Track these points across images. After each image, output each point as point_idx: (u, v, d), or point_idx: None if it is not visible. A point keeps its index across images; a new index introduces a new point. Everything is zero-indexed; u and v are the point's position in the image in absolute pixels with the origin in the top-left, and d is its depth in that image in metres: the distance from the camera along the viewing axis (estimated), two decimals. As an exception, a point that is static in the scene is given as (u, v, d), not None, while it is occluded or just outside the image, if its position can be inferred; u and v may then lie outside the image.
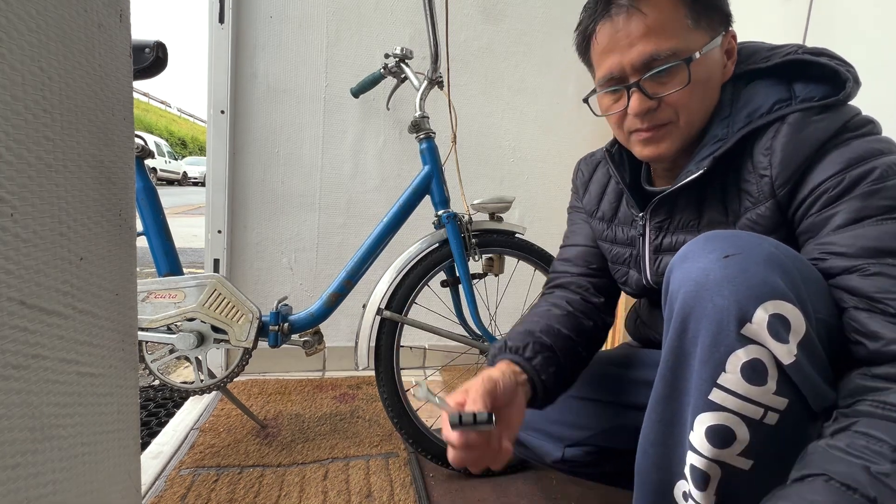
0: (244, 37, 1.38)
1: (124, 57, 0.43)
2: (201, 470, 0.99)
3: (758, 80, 0.55)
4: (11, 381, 0.31)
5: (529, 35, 1.60)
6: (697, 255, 0.45)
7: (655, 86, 0.54)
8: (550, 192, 1.71)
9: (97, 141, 0.39)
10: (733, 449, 0.43)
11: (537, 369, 0.61)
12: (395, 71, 1.14)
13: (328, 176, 1.50)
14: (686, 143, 0.58)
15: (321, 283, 1.53)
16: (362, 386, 1.47)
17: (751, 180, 0.53)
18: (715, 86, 0.56)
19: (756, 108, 0.53)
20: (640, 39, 0.53)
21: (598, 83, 0.60)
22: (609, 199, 0.73)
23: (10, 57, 0.29)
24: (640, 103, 0.55)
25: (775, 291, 0.41)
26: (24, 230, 0.31)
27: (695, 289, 0.44)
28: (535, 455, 0.80)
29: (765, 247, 0.44)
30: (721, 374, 0.43)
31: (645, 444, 0.52)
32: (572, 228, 0.82)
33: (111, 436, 0.44)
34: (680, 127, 0.56)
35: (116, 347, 0.44)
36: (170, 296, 0.97)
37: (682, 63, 0.52)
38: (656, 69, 0.53)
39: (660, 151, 0.58)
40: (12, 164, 0.30)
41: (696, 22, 0.53)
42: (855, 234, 0.46)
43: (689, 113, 0.55)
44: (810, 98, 0.51)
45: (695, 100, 0.55)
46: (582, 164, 0.80)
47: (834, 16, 0.97)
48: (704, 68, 0.54)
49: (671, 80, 0.54)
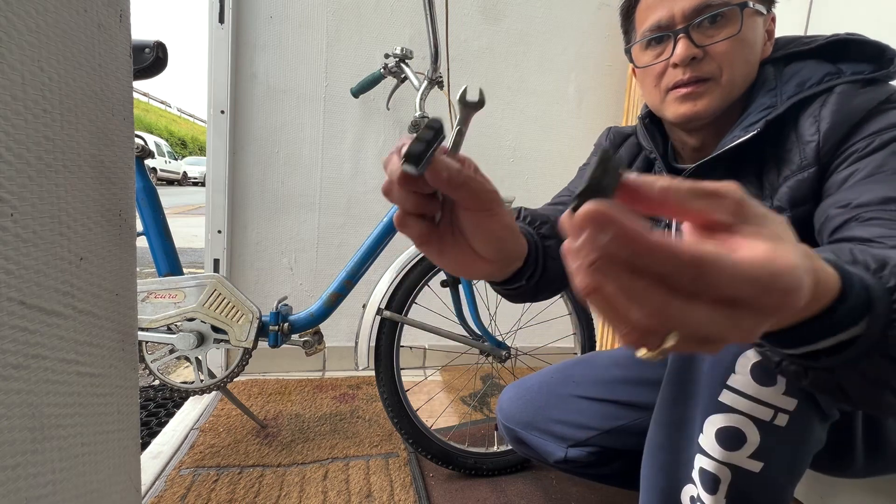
0: (244, 37, 1.38)
1: (124, 57, 0.43)
2: (201, 470, 0.99)
3: (801, 60, 0.55)
4: (11, 381, 0.31)
5: (529, 35, 1.60)
6: None
7: (702, 36, 0.53)
8: (550, 192, 1.70)
9: (97, 141, 0.39)
10: (743, 451, 0.43)
11: (536, 233, 0.54)
12: (395, 71, 1.14)
13: (328, 176, 1.50)
14: (723, 105, 0.56)
15: (321, 283, 1.53)
16: (362, 386, 1.47)
17: (793, 149, 0.52)
18: (757, 55, 0.56)
19: (806, 79, 0.53)
20: None
21: (644, 33, 0.58)
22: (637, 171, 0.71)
23: (9, 57, 0.29)
24: (685, 49, 0.53)
25: None
26: (24, 230, 0.31)
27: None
28: (537, 455, 0.79)
29: None
30: (731, 376, 0.43)
31: (652, 447, 0.52)
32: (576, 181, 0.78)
33: (111, 436, 0.44)
34: (721, 85, 0.55)
35: (116, 347, 0.44)
36: (170, 296, 0.97)
37: (737, 7, 0.51)
38: (708, 14, 0.52)
39: (697, 109, 0.56)
40: (12, 164, 0.30)
41: None
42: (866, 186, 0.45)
43: (732, 69, 0.54)
44: (860, 72, 0.51)
45: (740, 56, 0.54)
46: (613, 130, 0.76)
47: (834, 16, 0.97)
48: (752, 28, 0.53)
49: (720, 31, 0.53)
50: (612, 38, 1.64)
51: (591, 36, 1.64)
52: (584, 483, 1.02)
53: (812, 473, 0.94)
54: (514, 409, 0.81)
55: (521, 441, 0.80)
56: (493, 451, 1.06)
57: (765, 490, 0.44)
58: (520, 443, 0.81)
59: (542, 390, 0.80)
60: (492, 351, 1.08)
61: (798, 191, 0.51)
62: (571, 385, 0.78)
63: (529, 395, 0.81)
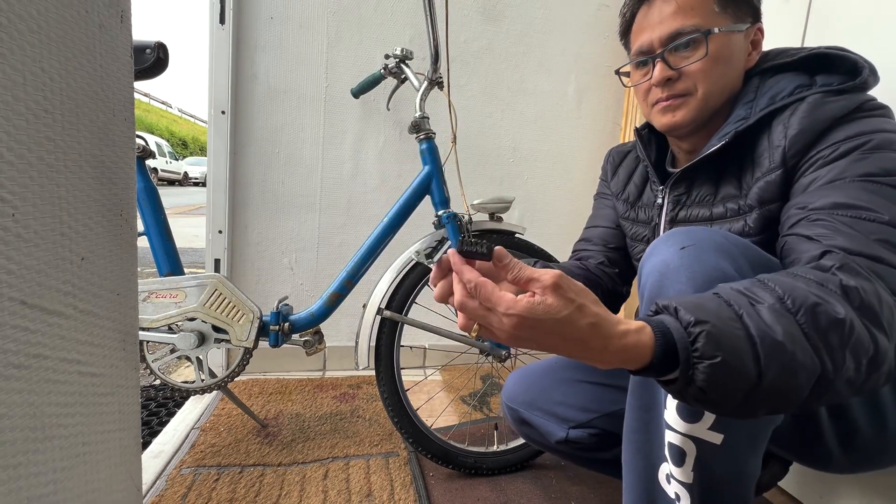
0: (245, 37, 1.38)
1: (125, 57, 0.43)
2: (202, 469, 0.99)
3: (783, 73, 0.60)
4: (13, 380, 0.31)
5: (529, 36, 1.60)
6: (660, 249, 0.50)
7: (677, 59, 0.60)
8: (550, 192, 1.71)
9: (98, 141, 0.39)
10: (703, 423, 0.46)
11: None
12: (395, 71, 1.14)
13: (328, 176, 1.50)
14: (703, 114, 0.62)
15: (321, 283, 1.53)
16: (362, 385, 1.47)
17: (764, 153, 0.57)
18: (736, 68, 0.61)
19: (778, 92, 0.58)
20: (669, 18, 0.60)
21: (631, 58, 0.67)
22: (635, 182, 0.78)
23: (11, 57, 0.29)
24: (660, 72, 0.61)
25: (724, 275, 0.45)
26: (26, 230, 0.31)
27: (658, 277, 0.48)
28: (538, 435, 0.81)
29: (715, 237, 0.48)
30: None
31: (628, 431, 0.55)
32: (596, 213, 0.88)
33: (112, 435, 0.44)
34: (697, 98, 0.61)
35: (117, 347, 0.44)
36: (171, 295, 0.97)
37: (701, 35, 0.58)
38: (678, 41, 0.59)
39: (675, 119, 0.63)
40: (14, 165, 0.30)
41: (723, 8, 0.59)
42: (823, 192, 0.51)
43: (706, 85, 0.60)
44: (829, 84, 0.55)
45: (713, 74, 0.60)
46: (613, 151, 0.86)
47: (834, 16, 0.97)
48: (724, 47, 0.59)
49: (692, 54, 0.60)
50: (611, 38, 1.64)
51: (590, 37, 1.64)
52: (584, 482, 1.02)
53: (811, 473, 0.94)
54: (517, 389, 0.83)
55: (524, 421, 0.82)
56: (493, 451, 1.06)
57: (728, 461, 0.48)
58: (522, 423, 0.83)
59: (545, 373, 0.83)
60: (492, 350, 1.08)
61: (766, 191, 0.57)
62: (574, 369, 0.80)
63: (533, 378, 0.83)
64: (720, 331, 0.37)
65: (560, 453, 0.82)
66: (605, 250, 0.83)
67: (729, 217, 0.61)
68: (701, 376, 0.37)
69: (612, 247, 0.83)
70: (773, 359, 0.37)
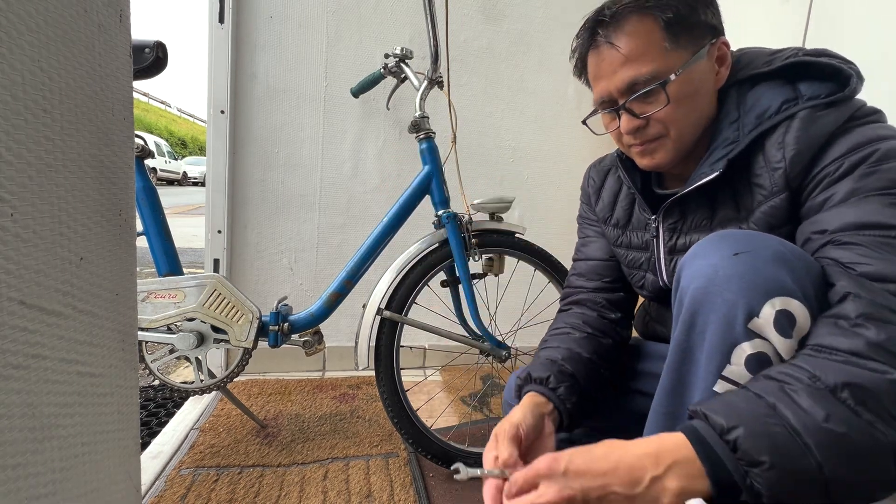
0: (244, 37, 1.38)
1: (124, 57, 0.43)
2: (201, 470, 0.99)
3: (762, 83, 0.57)
4: (12, 380, 0.31)
5: (529, 35, 1.60)
6: (708, 253, 0.47)
7: (642, 106, 0.58)
8: (550, 192, 1.71)
9: (97, 141, 0.39)
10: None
11: (562, 398, 0.63)
12: (395, 71, 1.14)
13: (328, 176, 1.50)
14: (681, 151, 0.60)
15: (321, 283, 1.53)
16: (362, 386, 1.47)
17: (763, 174, 0.55)
18: (705, 95, 0.59)
19: (765, 110, 0.55)
20: (621, 67, 0.57)
21: (595, 105, 0.64)
22: (622, 206, 0.74)
23: (10, 57, 0.29)
24: (628, 123, 0.59)
25: (783, 288, 0.42)
26: (25, 230, 0.31)
27: (705, 284, 0.45)
28: None
29: (773, 244, 0.45)
30: (726, 367, 0.44)
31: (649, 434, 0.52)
32: (584, 241, 0.83)
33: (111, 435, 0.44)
34: (672, 139, 0.59)
35: (116, 347, 0.44)
36: (170, 296, 0.97)
37: (659, 87, 0.55)
38: (637, 93, 0.57)
39: (655, 162, 0.61)
40: (12, 164, 0.30)
41: (674, 42, 0.56)
42: (840, 211, 0.48)
43: (678, 126, 0.58)
44: (817, 96, 0.53)
45: (681, 114, 0.57)
46: (592, 171, 0.81)
47: (833, 16, 0.97)
48: (687, 85, 0.56)
49: (655, 101, 0.57)
50: (611, 38, 1.64)
51: (590, 36, 1.64)
52: (583, 483, 1.02)
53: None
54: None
55: None
56: (492, 451, 1.06)
57: None
58: None
59: None
60: (492, 351, 1.08)
61: (773, 217, 0.55)
62: None
63: None
64: (755, 432, 0.36)
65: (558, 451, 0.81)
66: (604, 288, 0.77)
67: None
68: (760, 482, 0.35)
69: (608, 281, 0.77)
70: (825, 447, 0.35)
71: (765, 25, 1.11)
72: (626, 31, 0.56)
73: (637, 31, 0.56)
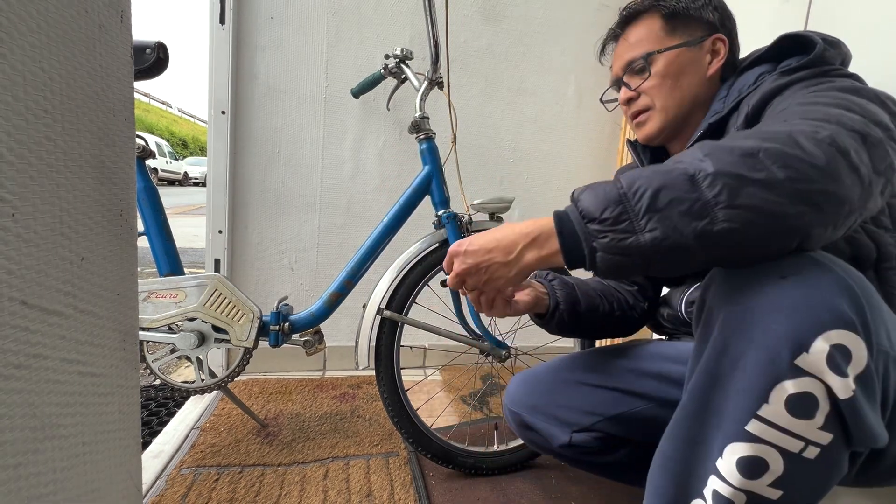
0: (245, 37, 1.38)
1: (125, 57, 0.43)
2: (202, 469, 0.99)
3: (755, 66, 0.65)
4: (13, 380, 0.31)
5: (529, 36, 1.60)
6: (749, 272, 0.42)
7: (637, 79, 0.71)
8: (550, 192, 1.71)
9: (98, 141, 0.39)
10: (764, 479, 0.41)
11: (554, 287, 0.78)
12: (395, 71, 1.14)
13: (328, 176, 1.50)
14: (668, 124, 0.71)
15: (322, 283, 1.53)
16: (362, 385, 1.47)
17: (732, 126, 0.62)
18: (692, 78, 0.69)
19: (745, 84, 0.63)
20: (625, 51, 0.72)
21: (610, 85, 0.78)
22: None
23: (11, 58, 0.29)
24: (622, 94, 0.74)
25: (840, 320, 0.38)
26: (26, 230, 0.31)
27: (742, 309, 0.41)
28: (541, 439, 0.80)
29: (833, 268, 0.40)
30: (763, 406, 0.40)
31: (663, 458, 0.50)
32: None
33: (112, 435, 0.44)
34: (657, 111, 0.70)
35: (118, 347, 0.44)
36: (171, 295, 0.97)
37: (642, 59, 0.69)
38: (631, 67, 0.71)
39: (646, 132, 0.73)
40: (14, 165, 0.30)
41: (670, 32, 0.68)
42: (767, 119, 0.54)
43: (661, 99, 0.70)
44: (788, 65, 0.59)
45: (663, 88, 0.69)
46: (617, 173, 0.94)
47: (833, 16, 0.97)
48: (670, 63, 0.68)
49: (643, 76, 0.70)
50: (612, 38, 1.64)
51: (590, 37, 1.63)
52: (584, 482, 1.02)
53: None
54: (520, 393, 0.82)
55: (526, 425, 0.81)
56: (493, 451, 1.06)
57: None
58: (525, 427, 0.82)
59: (548, 377, 0.82)
60: (492, 350, 1.08)
61: None
62: (577, 372, 0.79)
63: (536, 381, 0.83)
64: (600, 195, 0.45)
65: (563, 457, 0.81)
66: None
67: None
68: (599, 243, 0.44)
69: None
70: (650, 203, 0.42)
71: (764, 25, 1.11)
72: (635, 25, 0.71)
73: (642, 24, 0.70)
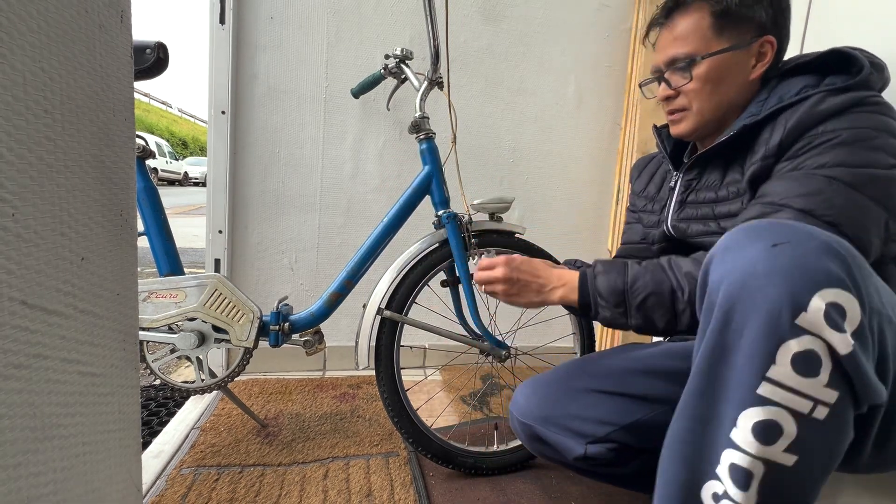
0: (245, 37, 1.38)
1: (125, 57, 0.43)
2: (202, 469, 0.99)
3: (799, 75, 0.64)
4: (13, 380, 0.31)
5: (529, 36, 1.60)
6: (742, 245, 0.45)
7: (676, 78, 0.70)
8: (550, 192, 1.71)
9: (98, 141, 0.39)
10: (779, 445, 0.42)
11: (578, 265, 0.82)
12: (395, 71, 1.14)
13: (328, 176, 1.50)
14: (701, 126, 0.72)
15: (322, 283, 1.53)
16: (362, 385, 1.47)
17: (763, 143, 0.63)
18: (734, 83, 0.68)
19: (787, 91, 0.63)
20: (670, 44, 0.70)
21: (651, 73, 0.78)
22: (655, 182, 0.88)
23: (11, 57, 0.29)
24: (661, 91, 0.74)
25: (832, 279, 0.40)
26: (26, 230, 0.31)
27: (741, 278, 0.43)
28: (554, 452, 0.77)
29: (816, 233, 0.43)
30: (770, 367, 0.41)
31: (674, 440, 0.50)
32: (626, 229, 0.98)
33: (112, 435, 0.44)
34: (693, 113, 0.71)
35: (118, 347, 0.44)
36: (171, 295, 0.97)
37: (686, 65, 0.68)
38: (674, 66, 0.70)
39: (678, 131, 0.74)
40: (14, 165, 0.30)
41: (719, 32, 0.66)
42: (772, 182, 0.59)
43: (699, 102, 0.70)
44: (833, 84, 0.59)
45: (704, 94, 0.69)
46: (638, 161, 0.98)
47: (833, 16, 0.97)
48: (713, 69, 0.67)
49: (684, 76, 0.69)
50: (611, 38, 1.64)
51: (590, 37, 1.64)
52: (584, 482, 1.02)
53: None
54: (530, 404, 0.78)
55: (538, 438, 0.77)
56: (493, 451, 1.06)
57: (798, 483, 0.43)
58: (536, 440, 0.78)
59: (556, 384, 0.78)
60: (492, 350, 1.08)
61: (758, 177, 0.63)
62: (586, 378, 0.76)
63: (545, 390, 0.78)
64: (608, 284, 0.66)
65: (577, 469, 0.78)
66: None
67: (730, 198, 0.67)
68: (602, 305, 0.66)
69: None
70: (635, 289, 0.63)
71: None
72: (682, 16, 0.69)
73: (690, 16, 0.68)
